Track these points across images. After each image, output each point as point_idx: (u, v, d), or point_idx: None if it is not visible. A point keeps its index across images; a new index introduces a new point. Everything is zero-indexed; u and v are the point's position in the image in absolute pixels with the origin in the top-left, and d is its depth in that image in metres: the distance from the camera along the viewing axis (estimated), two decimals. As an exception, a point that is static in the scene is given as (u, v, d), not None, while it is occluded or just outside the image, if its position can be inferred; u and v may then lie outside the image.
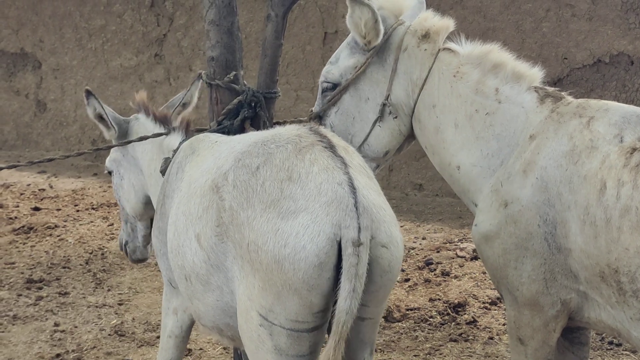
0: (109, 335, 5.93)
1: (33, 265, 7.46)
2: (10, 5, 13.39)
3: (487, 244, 3.55)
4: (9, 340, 5.83)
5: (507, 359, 5.46)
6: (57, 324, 6.10)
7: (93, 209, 9.65)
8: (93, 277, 7.20)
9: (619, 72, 8.85)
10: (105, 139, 4.62)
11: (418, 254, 7.72)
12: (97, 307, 6.50)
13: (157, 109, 4.52)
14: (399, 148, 4.06)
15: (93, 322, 6.20)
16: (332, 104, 4.00)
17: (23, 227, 8.64)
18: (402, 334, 5.93)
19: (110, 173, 4.67)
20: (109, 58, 12.57)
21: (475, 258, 7.36)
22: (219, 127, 4.35)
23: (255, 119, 4.44)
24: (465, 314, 6.22)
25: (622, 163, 3.20)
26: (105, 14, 12.50)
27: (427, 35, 3.86)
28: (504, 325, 5.93)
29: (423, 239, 8.29)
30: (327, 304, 3.04)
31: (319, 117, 4.04)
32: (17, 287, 6.90)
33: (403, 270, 7.15)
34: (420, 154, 9.50)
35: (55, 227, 8.70)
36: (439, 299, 6.51)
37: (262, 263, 2.98)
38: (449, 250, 7.78)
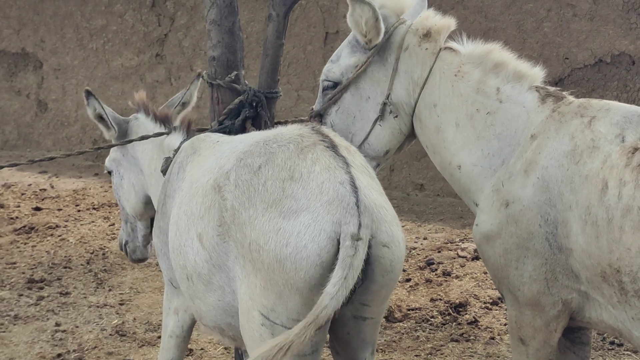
0: (110, 335, 5.93)
1: (34, 265, 7.46)
2: (12, 5, 13.40)
3: (488, 244, 3.54)
4: (10, 340, 5.83)
5: (508, 359, 5.46)
6: (58, 324, 6.10)
7: (94, 209, 9.65)
8: (94, 277, 7.20)
9: (620, 72, 8.84)
10: (106, 139, 4.63)
11: (419, 254, 7.72)
12: (98, 307, 6.50)
13: (157, 109, 4.53)
14: (400, 147, 4.06)
15: (94, 322, 6.20)
16: (332, 103, 4.00)
17: (24, 227, 8.64)
18: (403, 334, 5.92)
19: (110, 173, 4.67)
20: (110, 58, 12.57)
21: (477, 258, 7.36)
22: (220, 126, 4.35)
23: (257, 119, 4.44)
24: (467, 314, 6.21)
25: (623, 163, 3.19)
26: (107, 14, 12.50)
27: (428, 35, 3.85)
28: (505, 325, 5.93)
29: (424, 239, 8.29)
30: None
31: (320, 115, 4.03)
32: (18, 287, 6.90)
33: (404, 270, 7.15)
34: (422, 154, 9.50)
35: (57, 227, 8.69)
36: (440, 299, 6.50)
37: (263, 262, 2.98)
38: (450, 250, 7.78)
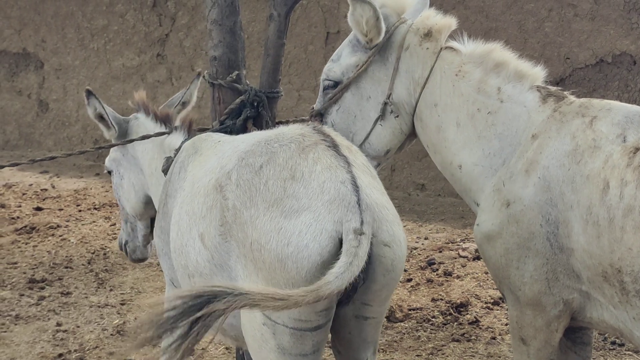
0: (111, 335, 5.93)
1: (35, 265, 7.46)
2: (13, 5, 13.41)
3: (489, 244, 3.54)
4: (12, 340, 5.83)
5: (509, 359, 5.46)
6: (59, 324, 6.10)
7: (95, 209, 9.66)
8: (95, 277, 7.20)
9: (622, 72, 8.84)
10: (107, 139, 4.63)
11: (420, 254, 7.72)
12: (99, 307, 6.50)
13: (157, 108, 4.53)
14: (400, 147, 4.06)
15: (95, 322, 6.20)
16: (333, 102, 3.99)
17: (25, 227, 8.64)
18: (404, 334, 5.92)
19: (110, 173, 4.67)
20: (111, 58, 12.58)
21: (478, 258, 7.36)
22: (222, 126, 4.35)
23: (258, 119, 4.44)
24: (468, 314, 6.21)
25: (625, 163, 3.19)
26: (108, 14, 12.50)
27: (429, 34, 3.85)
28: (507, 325, 5.93)
29: (425, 239, 8.29)
30: (330, 303, 3.03)
31: (321, 115, 4.03)
32: (19, 287, 6.90)
33: (405, 270, 7.14)
34: (423, 154, 9.50)
35: (58, 227, 8.70)
36: (442, 299, 6.50)
37: (265, 262, 2.98)
38: (452, 250, 7.78)
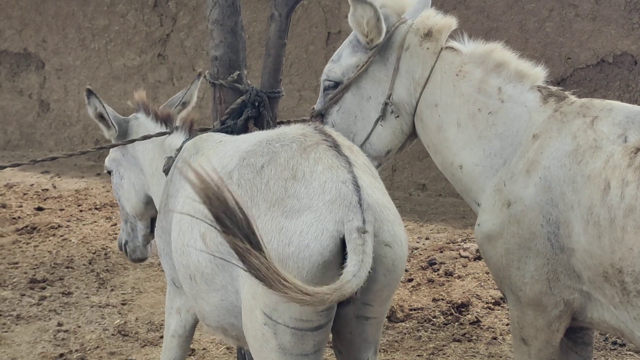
0: (112, 335, 5.93)
1: (36, 265, 7.46)
2: (14, 6, 13.41)
3: (489, 244, 3.54)
4: (13, 340, 5.83)
5: (510, 359, 5.46)
6: (60, 324, 6.10)
7: (96, 209, 9.66)
8: (96, 277, 7.21)
9: (623, 72, 8.84)
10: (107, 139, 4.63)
11: (421, 254, 7.72)
12: (100, 307, 6.51)
13: (158, 108, 4.52)
14: (401, 147, 4.05)
15: (96, 322, 6.20)
16: (334, 103, 3.99)
17: (26, 227, 8.64)
18: (405, 334, 5.92)
19: (110, 173, 4.66)
20: (112, 58, 12.58)
21: (479, 258, 7.36)
22: (223, 126, 4.36)
23: (259, 119, 4.44)
24: (469, 314, 6.21)
25: (626, 163, 3.19)
26: (109, 14, 12.51)
27: (429, 34, 3.84)
28: (508, 326, 5.93)
29: (426, 239, 8.29)
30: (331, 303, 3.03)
31: (321, 115, 4.03)
32: (20, 287, 6.90)
33: (406, 271, 7.14)
34: (424, 154, 9.50)
35: (59, 227, 8.70)
36: (442, 299, 6.50)
37: (266, 261, 2.98)
38: (452, 251, 7.78)
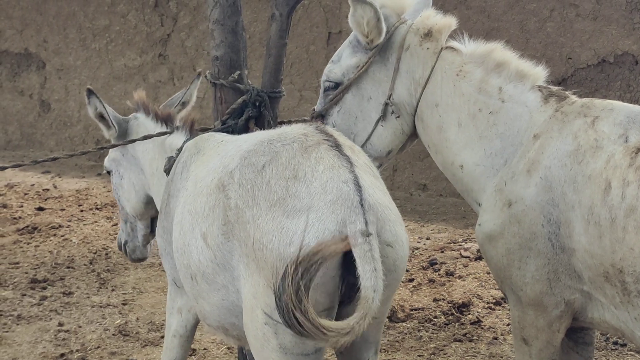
0: (113, 335, 5.93)
1: (37, 265, 7.46)
2: (15, 6, 13.41)
3: (490, 244, 3.54)
4: (13, 340, 5.84)
5: (511, 359, 5.45)
6: (61, 324, 6.10)
7: (97, 209, 9.66)
8: (97, 277, 7.21)
9: (624, 72, 8.83)
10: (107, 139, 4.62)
11: (422, 254, 7.72)
12: (101, 307, 6.51)
13: (158, 108, 4.52)
14: (402, 147, 4.05)
15: (97, 322, 6.20)
16: (334, 103, 3.99)
17: (27, 227, 8.65)
18: (406, 334, 5.92)
19: (110, 173, 4.66)
20: (113, 58, 12.59)
21: (480, 258, 7.35)
22: (224, 126, 4.35)
23: (260, 119, 4.44)
24: (470, 314, 6.21)
25: (627, 163, 3.19)
26: (109, 14, 12.51)
27: (429, 34, 3.84)
28: (508, 326, 5.93)
29: (427, 239, 8.29)
30: (332, 303, 3.04)
31: (321, 116, 4.03)
32: (21, 287, 6.91)
33: (407, 270, 7.14)
34: (425, 154, 9.49)
35: (60, 227, 8.70)
36: (443, 299, 6.50)
37: (267, 261, 2.98)
38: (453, 251, 7.77)
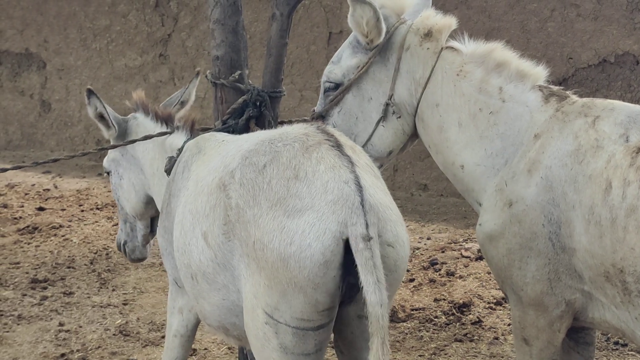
0: (114, 335, 5.94)
1: (38, 265, 7.46)
2: (15, 6, 13.42)
3: (491, 244, 3.54)
4: (14, 340, 5.84)
5: (512, 359, 5.45)
6: (61, 324, 6.10)
7: (98, 209, 9.66)
8: (98, 277, 7.21)
9: (625, 72, 8.83)
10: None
11: (423, 254, 7.72)
12: (101, 307, 6.51)
13: (158, 108, 4.52)
14: (402, 147, 4.05)
15: (98, 322, 6.20)
16: (334, 104, 3.99)
17: (28, 227, 8.65)
18: (407, 334, 5.92)
19: (109, 173, 4.65)
20: (114, 58, 12.59)
21: (480, 258, 7.36)
22: (224, 126, 4.36)
23: (260, 118, 4.44)
24: (470, 314, 6.21)
25: (627, 162, 3.19)
26: (110, 14, 12.51)
27: (429, 34, 3.84)
28: (509, 326, 5.93)
29: (428, 239, 8.29)
30: (332, 302, 3.04)
31: (322, 117, 4.03)
32: (21, 287, 6.91)
33: (408, 271, 7.14)
34: (425, 154, 9.48)
35: (60, 227, 8.70)
36: (444, 299, 6.50)
37: (267, 261, 2.99)
38: (454, 251, 7.77)
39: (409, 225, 8.69)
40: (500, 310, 6.29)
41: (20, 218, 9.10)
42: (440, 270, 7.20)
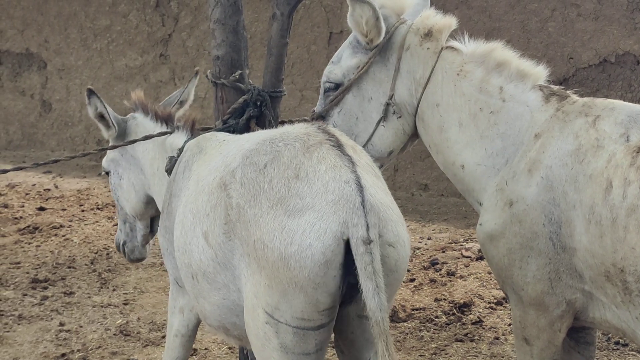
0: (114, 335, 5.94)
1: (38, 265, 7.46)
2: (16, 6, 13.42)
3: (491, 244, 3.54)
4: (15, 340, 5.84)
5: (513, 359, 5.45)
6: (62, 324, 6.10)
7: (98, 209, 9.66)
8: (98, 276, 7.21)
9: (625, 71, 8.83)
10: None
11: (423, 254, 7.72)
12: (102, 306, 6.51)
13: (158, 108, 4.51)
14: (403, 147, 4.05)
15: (98, 321, 6.20)
16: (334, 104, 3.98)
17: (28, 227, 8.65)
18: (407, 334, 5.92)
19: (108, 173, 4.64)
20: (114, 58, 12.58)
21: (481, 258, 7.35)
22: (225, 126, 4.35)
23: (261, 118, 4.44)
24: (471, 314, 6.21)
25: (628, 162, 3.19)
26: (111, 14, 12.51)
27: (429, 34, 3.84)
28: (510, 325, 5.92)
29: (428, 239, 8.28)
30: (333, 302, 3.04)
31: (322, 117, 4.02)
32: (22, 286, 6.91)
33: (408, 270, 7.14)
34: (426, 154, 9.48)
35: (61, 227, 8.70)
36: (445, 299, 6.50)
37: (268, 260, 2.99)
38: (455, 250, 7.77)
39: (410, 225, 8.69)
40: (501, 310, 6.29)
41: (21, 218, 9.10)
42: (441, 270, 7.20)
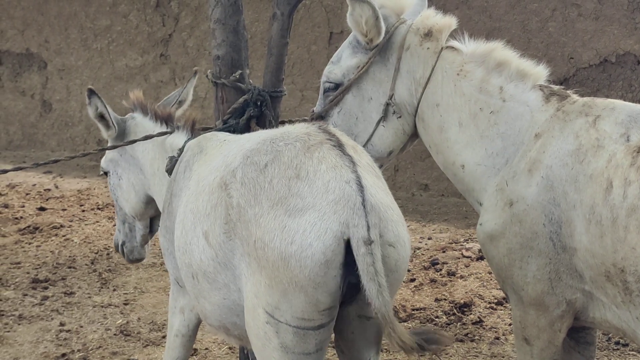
0: (115, 335, 5.94)
1: (38, 265, 7.47)
2: (16, 6, 13.42)
3: (492, 244, 3.54)
4: (15, 340, 5.84)
5: (513, 359, 5.45)
6: (62, 324, 6.10)
7: (99, 209, 9.67)
8: (98, 276, 7.21)
9: (625, 71, 8.83)
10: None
11: (424, 254, 7.72)
12: (102, 306, 6.51)
13: (158, 108, 4.51)
14: (403, 147, 4.05)
15: (98, 321, 6.20)
16: (334, 104, 3.98)
17: (29, 227, 8.65)
18: (407, 334, 5.91)
19: (107, 174, 4.64)
20: (115, 58, 12.59)
21: (481, 258, 7.35)
22: (225, 125, 4.35)
23: (261, 118, 4.44)
24: (471, 314, 6.21)
25: (628, 162, 3.19)
26: (111, 14, 12.51)
27: (429, 34, 3.84)
28: (510, 325, 5.92)
29: (429, 239, 8.28)
30: (333, 302, 3.04)
31: (321, 117, 4.02)
32: (22, 286, 6.91)
33: (409, 271, 7.13)
34: (426, 154, 9.47)
35: (61, 227, 8.71)
36: (445, 299, 6.50)
37: (268, 260, 2.99)
38: (455, 250, 7.77)
39: (410, 225, 8.69)
40: (501, 310, 6.29)
41: (21, 218, 9.11)
42: (441, 270, 7.19)
